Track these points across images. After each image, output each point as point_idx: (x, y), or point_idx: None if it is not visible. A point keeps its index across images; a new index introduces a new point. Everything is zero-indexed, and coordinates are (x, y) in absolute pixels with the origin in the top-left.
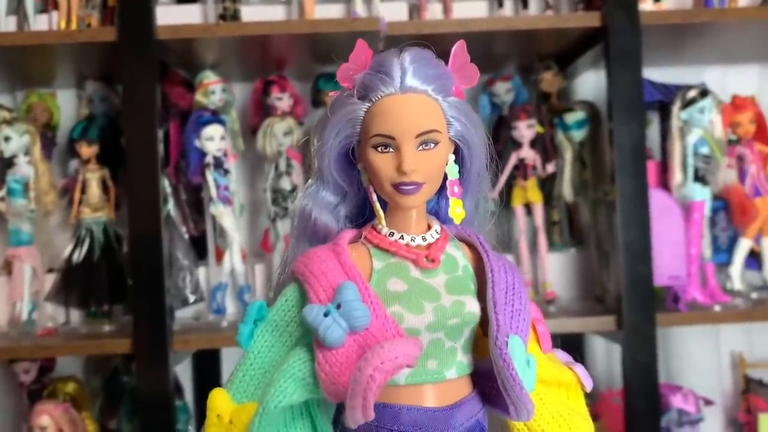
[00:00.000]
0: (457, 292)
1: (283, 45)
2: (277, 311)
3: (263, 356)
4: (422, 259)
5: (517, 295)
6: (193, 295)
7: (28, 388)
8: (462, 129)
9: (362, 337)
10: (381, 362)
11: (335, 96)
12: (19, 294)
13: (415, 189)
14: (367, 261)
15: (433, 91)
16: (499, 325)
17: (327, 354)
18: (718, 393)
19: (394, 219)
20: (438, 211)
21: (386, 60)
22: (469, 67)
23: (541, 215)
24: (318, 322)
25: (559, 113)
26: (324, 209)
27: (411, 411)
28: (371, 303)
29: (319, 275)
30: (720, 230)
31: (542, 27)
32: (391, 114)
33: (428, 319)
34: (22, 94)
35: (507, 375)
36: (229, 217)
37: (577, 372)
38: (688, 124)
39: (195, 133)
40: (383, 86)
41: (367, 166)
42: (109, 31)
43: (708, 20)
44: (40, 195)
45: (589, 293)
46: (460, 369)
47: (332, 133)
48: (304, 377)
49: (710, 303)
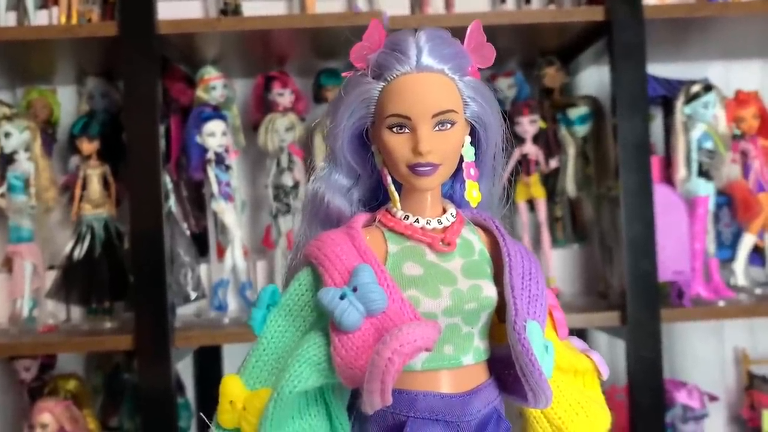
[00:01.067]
0: (474, 276)
1: (285, 40)
2: (290, 295)
3: (276, 341)
4: (438, 242)
5: (534, 280)
6: (195, 292)
7: (29, 385)
8: (479, 110)
9: (379, 320)
10: (399, 345)
11: (349, 76)
12: (20, 291)
13: (432, 170)
14: (382, 244)
15: (449, 70)
16: (518, 309)
17: (343, 338)
18: (722, 389)
19: (409, 202)
20: (452, 195)
21: (401, 39)
22: (485, 46)
23: (545, 211)
24: (334, 305)
25: (562, 108)
26: (337, 192)
27: (427, 397)
28: (387, 286)
29: (334, 258)
30: (724, 226)
31: (545, 21)
32: (407, 93)
33: (445, 303)
34: (23, 90)
35: (526, 360)
36: (230, 213)
37: (593, 359)
38: (691, 119)
39: (196, 128)
40: (399, 65)
41: (382, 148)
42: (109, 26)
43: (711, 15)
44: (40, 191)
45: (593, 289)
46: (477, 355)
47: (346, 113)
48: (320, 362)
49: (714, 298)
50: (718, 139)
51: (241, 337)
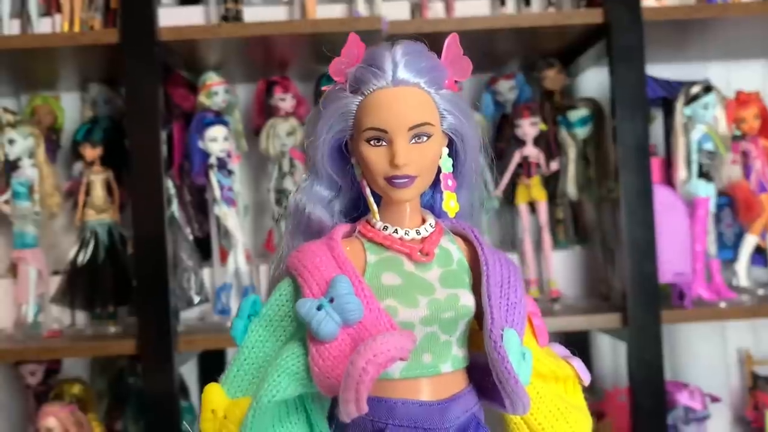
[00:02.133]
0: (452, 286)
1: (286, 45)
2: (271, 306)
3: (257, 351)
4: (416, 252)
5: (512, 288)
6: (198, 296)
7: (35, 390)
8: (455, 122)
9: (355, 330)
10: (373, 355)
11: (328, 90)
12: (25, 296)
13: (408, 182)
14: (361, 255)
15: (425, 84)
16: (494, 318)
17: (320, 348)
18: (725, 390)
19: (388, 213)
20: (433, 205)
21: (378, 53)
22: (462, 59)
23: (546, 213)
24: (311, 315)
25: (562, 111)
26: (318, 203)
27: (406, 404)
28: (365, 297)
29: (313, 269)
30: (725, 226)
31: (544, 24)
32: (383, 107)
33: (422, 312)
34: (27, 97)
35: (502, 368)
36: (233, 217)
37: (574, 366)
38: (692, 120)
39: (198, 134)
40: (375, 79)
41: (360, 160)
42: (111, 33)
43: (711, 16)
44: (44, 197)
45: (595, 291)
46: (456, 362)
47: (325, 127)
48: (298, 371)
49: (716, 300)
50: (719, 140)
51: None
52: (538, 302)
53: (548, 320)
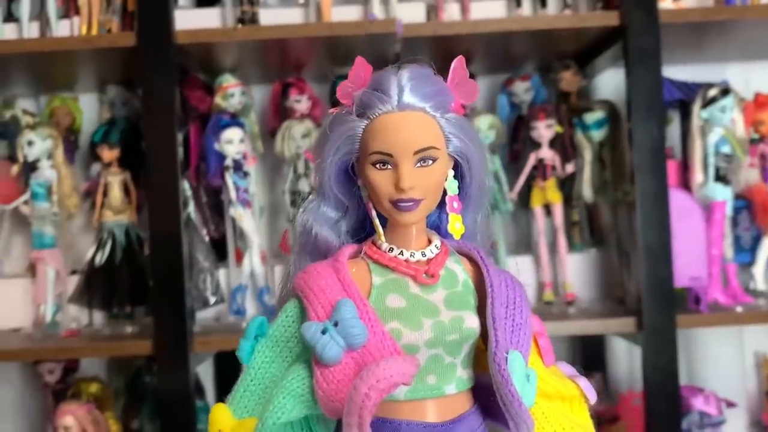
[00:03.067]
0: (457, 308)
1: (301, 48)
2: (277, 327)
3: (264, 372)
4: (421, 274)
5: (518, 309)
6: (214, 297)
7: (53, 388)
8: (461, 145)
9: (360, 354)
10: (376, 380)
11: (334, 113)
12: (43, 296)
13: (414, 206)
14: (367, 277)
15: (430, 108)
16: (498, 341)
17: (324, 371)
18: (742, 394)
19: (394, 234)
20: (439, 226)
21: (384, 78)
22: (468, 83)
23: (561, 216)
24: (315, 339)
25: (578, 113)
26: (325, 224)
27: (411, 426)
28: (369, 320)
29: (318, 292)
30: (743, 230)
31: (561, 26)
32: (389, 131)
33: (427, 335)
34: (45, 98)
35: (506, 391)
36: (248, 219)
37: (580, 385)
38: (709, 122)
39: (214, 136)
40: (381, 104)
41: (366, 183)
42: (128, 36)
43: (729, 18)
44: (62, 198)
45: (610, 294)
46: (460, 384)
47: (331, 150)
48: (303, 394)
49: (732, 304)
50: (736, 143)
51: None
52: (553, 305)
53: (563, 324)
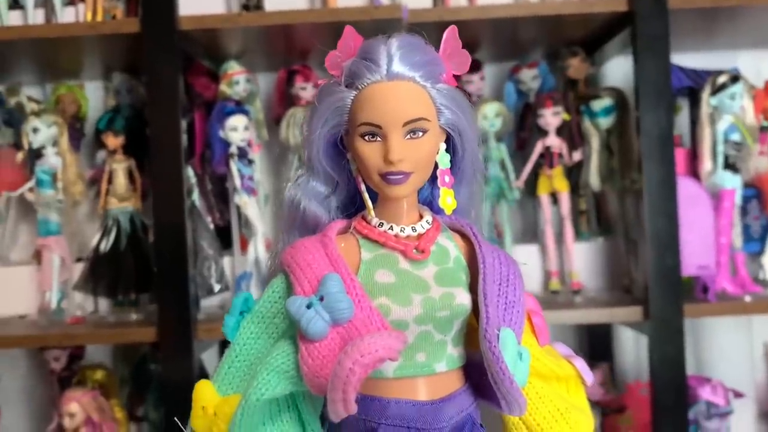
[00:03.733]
0: (447, 284)
1: (307, 34)
2: (263, 303)
3: (249, 348)
4: (411, 250)
5: (511, 287)
6: (219, 285)
7: (59, 375)
8: (452, 117)
9: (345, 329)
10: (361, 355)
11: (323, 84)
12: (49, 283)
13: (403, 179)
14: (356, 252)
15: (420, 78)
16: (489, 317)
17: (309, 346)
18: (751, 385)
19: (384, 209)
20: (432, 201)
21: (373, 46)
22: (461, 53)
23: (568, 204)
24: (300, 314)
25: (586, 100)
26: (314, 199)
27: (399, 404)
28: (356, 295)
29: (305, 266)
30: (752, 219)
31: (568, 12)
32: (377, 102)
33: (416, 311)
34: (50, 86)
35: (496, 369)
36: (253, 206)
37: (576, 366)
38: (718, 110)
39: (219, 123)
40: (369, 73)
41: (355, 156)
42: (132, 23)
43: (740, 3)
44: (68, 185)
45: (617, 283)
46: (451, 362)
47: (320, 122)
48: (288, 370)
49: (740, 293)
50: (746, 131)
51: None
52: (560, 294)
53: (569, 313)
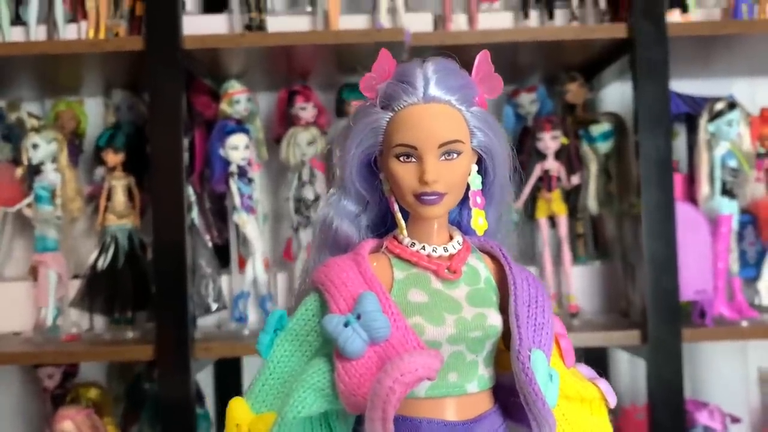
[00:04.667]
0: (479, 305)
1: (308, 55)
2: (297, 321)
3: (283, 366)
4: (443, 270)
5: (540, 308)
6: (216, 303)
7: (52, 392)
8: (485, 139)
9: (382, 348)
10: (401, 374)
11: (358, 105)
12: (45, 299)
13: (437, 199)
14: (388, 271)
15: (456, 101)
16: (522, 338)
17: (346, 365)
18: (745, 410)
19: (416, 229)
20: (460, 222)
21: (409, 70)
22: (493, 77)
23: (566, 227)
24: (338, 332)
25: (584, 125)
26: (345, 218)
27: (431, 424)
28: (392, 314)
29: (340, 285)
30: (748, 244)
31: (568, 38)
32: (414, 124)
33: (449, 331)
34: (50, 102)
35: (529, 390)
36: (252, 225)
37: (600, 387)
38: (715, 136)
39: (220, 142)
40: (406, 96)
41: (389, 176)
42: (136, 41)
43: (737, 32)
44: (66, 202)
45: (614, 307)
46: (482, 383)
47: (354, 142)
48: (323, 388)
49: (737, 318)
50: (742, 158)
51: None
52: (558, 317)
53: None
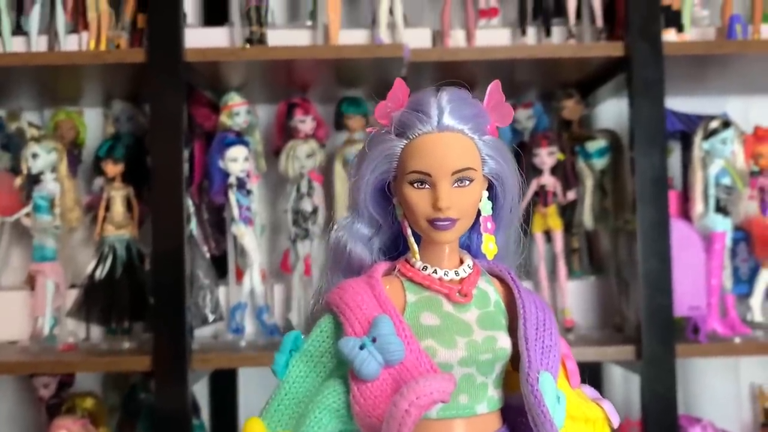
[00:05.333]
0: (489, 328)
1: (308, 69)
2: (312, 342)
3: (298, 386)
4: (455, 293)
5: (547, 331)
6: (213, 314)
7: (48, 402)
8: (496, 167)
9: (397, 370)
10: (416, 397)
11: (373, 132)
12: (42, 309)
13: (450, 225)
14: (401, 294)
15: (469, 130)
16: (531, 361)
17: (362, 387)
18: (737, 425)
19: (428, 253)
20: (469, 246)
21: (424, 99)
22: (504, 106)
23: (561, 242)
24: (354, 355)
25: (580, 141)
26: (359, 241)
27: None
28: (405, 337)
29: (354, 308)
30: (741, 261)
31: (565, 56)
32: (428, 151)
33: (461, 354)
34: (50, 111)
35: (538, 411)
36: (250, 237)
37: (604, 408)
38: (710, 154)
39: (219, 154)
40: (420, 124)
41: (403, 202)
42: (138, 53)
43: (731, 52)
44: (65, 212)
45: (609, 322)
46: (491, 404)
47: (369, 168)
48: (339, 409)
49: (730, 335)
50: (736, 176)
51: (257, 360)
52: None
53: None
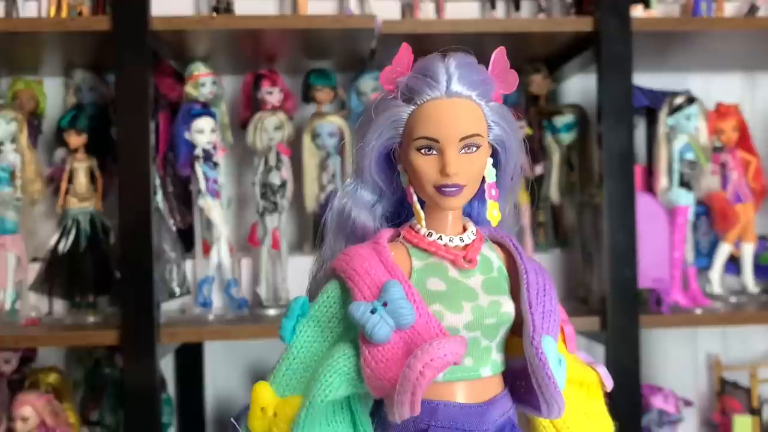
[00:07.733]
0: (494, 293)
1: (276, 39)
2: (319, 307)
3: (305, 351)
4: (460, 259)
5: (548, 296)
6: (180, 288)
7: (9, 378)
8: (501, 133)
9: (408, 334)
10: (431, 359)
11: (378, 98)
12: (3, 283)
13: (457, 191)
14: (407, 260)
15: (477, 96)
16: (535, 325)
17: (373, 350)
18: (694, 394)
19: (432, 219)
20: (471, 213)
21: (432, 64)
22: (509, 72)
23: (528, 216)
24: (365, 319)
25: (548, 116)
26: (363, 208)
27: (448, 407)
28: (415, 301)
29: (363, 273)
30: (701, 235)
31: (534, 30)
32: (436, 117)
33: (467, 318)
34: (8, 80)
35: (543, 373)
36: (217, 210)
37: (599, 372)
38: (674, 130)
39: (185, 125)
40: (429, 90)
41: (409, 168)
42: (102, 21)
43: (696, 29)
44: (26, 183)
45: (573, 294)
46: (495, 367)
47: (375, 134)
48: (349, 372)
49: (692, 306)
50: (699, 151)
51: (225, 334)
52: None
53: None
